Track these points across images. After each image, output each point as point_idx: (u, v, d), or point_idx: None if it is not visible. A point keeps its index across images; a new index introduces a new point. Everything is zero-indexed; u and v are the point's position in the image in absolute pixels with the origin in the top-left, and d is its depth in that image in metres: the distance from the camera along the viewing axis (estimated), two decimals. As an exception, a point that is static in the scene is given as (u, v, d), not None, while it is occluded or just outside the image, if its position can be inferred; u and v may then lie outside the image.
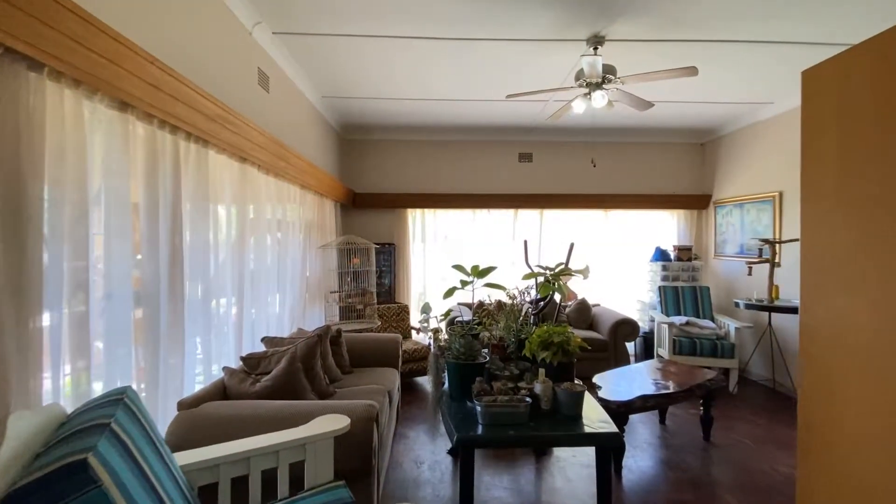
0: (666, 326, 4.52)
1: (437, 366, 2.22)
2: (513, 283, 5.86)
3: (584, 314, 5.24)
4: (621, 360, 4.64)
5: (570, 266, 3.02)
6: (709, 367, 4.40)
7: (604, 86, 3.08)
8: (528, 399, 1.85)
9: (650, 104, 3.39)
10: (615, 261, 5.97)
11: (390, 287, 5.40)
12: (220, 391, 2.23)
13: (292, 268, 3.63)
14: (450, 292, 2.94)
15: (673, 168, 5.77)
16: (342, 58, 3.45)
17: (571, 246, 3.94)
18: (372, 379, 3.05)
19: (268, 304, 3.17)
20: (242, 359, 2.49)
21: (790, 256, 4.22)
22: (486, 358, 2.25)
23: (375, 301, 4.22)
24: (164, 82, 1.78)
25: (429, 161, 5.61)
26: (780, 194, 4.46)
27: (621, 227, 5.96)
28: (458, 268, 2.88)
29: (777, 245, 4.19)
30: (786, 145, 4.42)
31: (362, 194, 5.45)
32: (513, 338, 2.51)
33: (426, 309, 2.38)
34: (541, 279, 2.83)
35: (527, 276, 2.96)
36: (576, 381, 2.18)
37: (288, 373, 2.27)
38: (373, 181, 5.56)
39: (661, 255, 5.43)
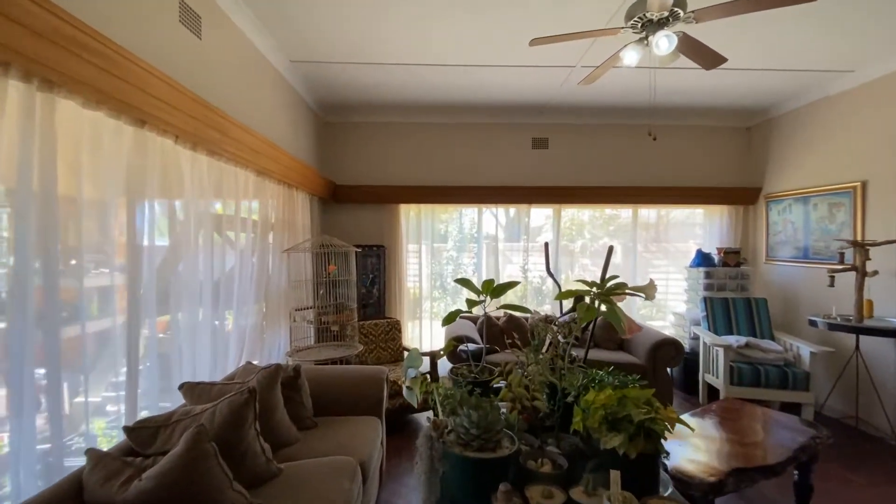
0: (720, 350, 3.63)
1: (430, 454, 1.34)
2: (527, 297, 5.03)
3: (612, 331, 4.35)
4: (663, 391, 3.75)
5: (609, 278, 2.16)
6: (764, 401, 3.54)
7: (667, 27, 2.19)
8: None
9: (722, 58, 2.51)
10: (644, 265, 5.10)
11: (379, 298, 4.51)
12: (72, 499, 1.34)
13: (242, 279, 2.74)
14: (451, 317, 2.08)
15: (713, 157, 4.89)
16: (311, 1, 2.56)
17: (610, 250, 3.05)
18: (341, 439, 2.16)
19: (196, 331, 2.27)
20: (127, 430, 1.60)
21: (885, 262, 3.33)
22: (513, 443, 1.35)
23: (356, 318, 3.33)
24: None
25: (425, 147, 4.72)
26: (863, 184, 3.57)
27: (652, 226, 5.09)
28: (465, 283, 2.02)
29: (866, 248, 3.30)
30: (871, 124, 3.53)
31: (345, 187, 4.55)
32: (548, 394, 1.62)
33: (413, 361, 1.48)
34: (568, 298, 1.96)
35: (562, 296, 2.07)
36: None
37: (185, 464, 1.37)
38: (358, 171, 4.67)
39: (703, 259, 4.54)
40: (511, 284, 2.00)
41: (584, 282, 1.91)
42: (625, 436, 1.28)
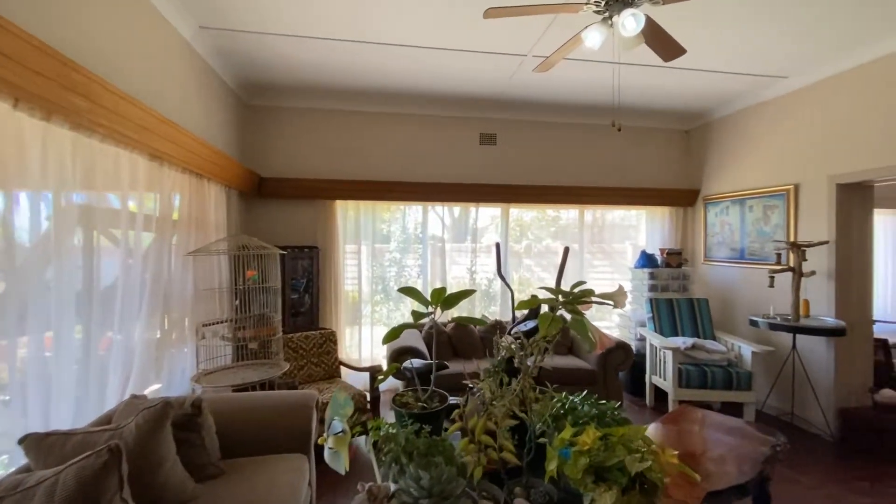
0: (669, 352, 3.58)
1: (366, 535, 0.98)
2: (475, 300, 4.77)
3: (560, 334, 4.20)
4: (614, 397, 3.63)
5: (570, 283, 1.92)
6: (706, 402, 3.56)
7: (633, 6, 1.99)
8: None
9: (681, 49, 2.37)
10: (587, 266, 5.02)
11: (312, 306, 4.02)
12: None
13: (129, 287, 2.19)
14: (394, 333, 1.74)
15: (654, 158, 4.93)
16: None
17: (566, 251, 2.84)
18: (256, 489, 1.73)
19: (54, 358, 1.72)
20: None
21: (817, 263, 3.43)
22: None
23: (281, 332, 2.85)
24: None
25: (365, 138, 4.31)
26: (796, 187, 3.68)
27: (589, 227, 5.01)
28: (410, 292, 1.67)
29: (803, 250, 3.38)
30: (802, 129, 3.65)
31: (272, 179, 4.02)
32: (511, 428, 1.31)
33: (338, 409, 1.10)
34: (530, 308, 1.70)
35: (524, 305, 1.80)
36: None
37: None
38: (288, 163, 4.15)
39: (647, 260, 4.54)
40: (465, 293, 1.68)
41: (548, 289, 1.64)
42: (617, 491, 1.00)
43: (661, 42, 2.30)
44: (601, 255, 5.11)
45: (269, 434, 2.10)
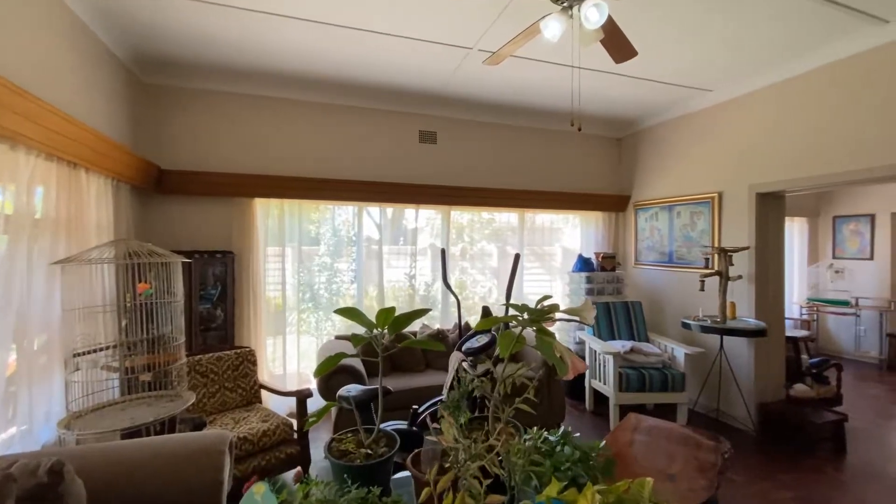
0: (610, 357, 3.58)
1: None
2: (414, 306, 4.48)
3: (503, 342, 4.07)
4: (556, 407, 3.56)
5: (522, 293, 1.75)
6: (641, 405, 3.63)
7: (595, -5, 1.86)
8: None
9: (633, 51, 2.30)
10: (524, 268, 4.97)
11: (225, 320, 3.48)
12: None
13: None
14: (328, 364, 1.46)
15: (588, 164, 5.01)
16: None
17: (517, 258, 2.69)
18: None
19: None
20: None
21: (739, 267, 3.63)
22: None
23: (184, 357, 2.36)
24: None
25: (291, 129, 3.84)
26: (720, 195, 3.89)
27: (527, 229, 4.97)
28: (350, 314, 1.39)
29: (730, 255, 3.55)
30: (725, 140, 3.86)
31: (175, 173, 3.42)
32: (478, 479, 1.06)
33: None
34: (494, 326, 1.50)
35: (483, 325, 1.56)
36: None
37: None
38: (196, 154, 3.57)
39: (584, 264, 4.58)
40: (417, 313, 1.41)
41: (515, 306, 1.41)
42: (630, 574, 0.80)
43: (616, 41, 2.20)
44: (533, 258, 5.09)
45: (165, 492, 1.65)
